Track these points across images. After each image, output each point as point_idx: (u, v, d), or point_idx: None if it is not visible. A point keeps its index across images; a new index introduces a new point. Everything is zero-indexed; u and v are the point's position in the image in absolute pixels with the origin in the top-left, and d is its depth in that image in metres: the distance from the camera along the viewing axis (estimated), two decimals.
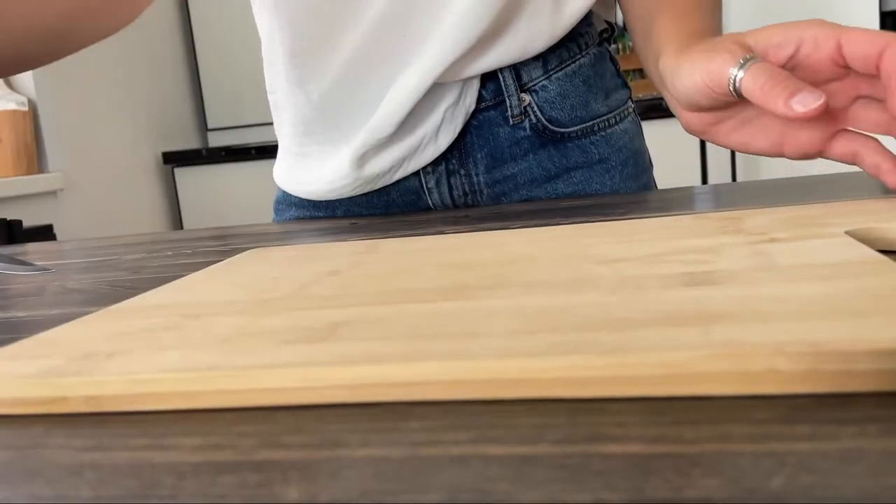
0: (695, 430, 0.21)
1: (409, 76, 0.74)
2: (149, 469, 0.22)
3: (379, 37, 0.73)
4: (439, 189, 0.80)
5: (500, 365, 0.24)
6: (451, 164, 0.79)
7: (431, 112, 0.76)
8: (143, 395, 0.27)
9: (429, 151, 0.77)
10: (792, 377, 0.22)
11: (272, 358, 0.27)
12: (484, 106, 0.77)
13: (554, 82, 0.77)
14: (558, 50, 0.77)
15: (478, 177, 0.79)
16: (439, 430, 0.23)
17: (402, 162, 0.78)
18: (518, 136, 0.78)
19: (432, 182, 0.80)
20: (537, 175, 0.79)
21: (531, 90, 0.77)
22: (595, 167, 0.79)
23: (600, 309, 0.29)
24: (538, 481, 0.19)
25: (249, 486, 0.20)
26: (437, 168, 0.79)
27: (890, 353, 0.22)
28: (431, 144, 0.77)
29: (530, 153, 0.78)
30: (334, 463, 0.21)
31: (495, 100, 0.77)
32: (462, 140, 0.78)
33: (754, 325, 0.25)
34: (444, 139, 0.77)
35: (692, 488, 0.18)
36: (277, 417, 0.25)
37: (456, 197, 0.80)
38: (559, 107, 0.77)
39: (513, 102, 0.76)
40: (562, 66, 0.77)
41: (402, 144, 0.77)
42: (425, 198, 0.81)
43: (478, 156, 0.78)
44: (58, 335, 0.35)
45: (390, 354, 0.26)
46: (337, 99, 0.79)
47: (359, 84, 0.77)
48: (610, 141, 0.80)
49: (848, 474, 0.18)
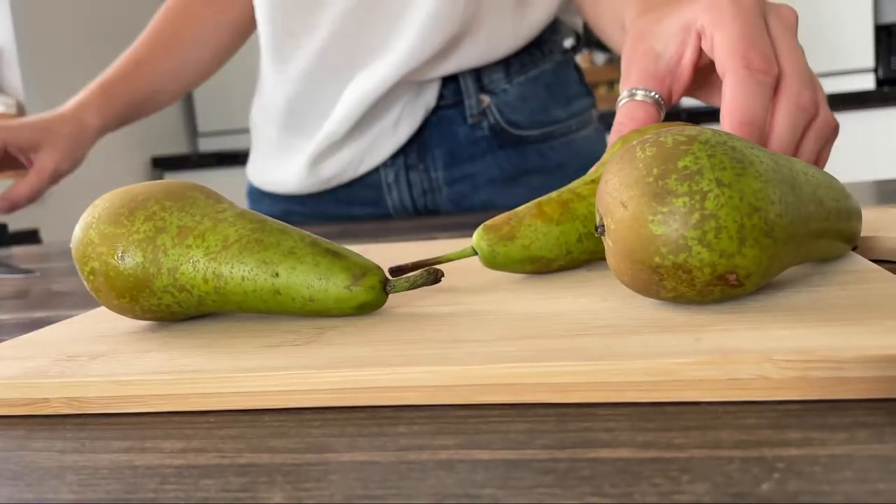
0: (684, 435, 0.21)
1: (364, 80, 0.76)
2: (131, 472, 0.22)
3: (340, 38, 0.75)
4: (398, 186, 0.81)
5: (487, 370, 0.24)
6: (410, 159, 0.81)
7: (388, 110, 0.78)
8: (126, 398, 0.26)
9: (388, 144, 0.79)
10: (781, 384, 0.22)
11: (257, 361, 0.27)
12: (444, 104, 0.79)
13: (515, 86, 0.79)
14: (521, 55, 0.79)
15: (436, 173, 0.81)
16: (426, 435, 0.22)
17: (357, 162, 0.80)
18: (476, 136, 0.80)
19: (391, 177, 0.81)
20: (496, 176, 0.80)
21: (491, 92, 0.79)
22: (554, 172, 0.81)
23: (590, 315, 0.29)
24: (525, 486, 0.19)
25: (233, 490, 0.20)
26: (395, 161, 0.81)
27: (879, 361, 0.22)
28: (390, 137, 0.79)
29: (489, 154, 0.80)
30: (320, 467, 0.21)
31: (454, 99, 0.79)
32: (421, 136, 0.80)
33: (744, 332, 0.25)
34: (404, 132, 0.79)
35: (681, 493, 0.18)
36: (263, 421, 0.25)
37: (415, 196, 0.82)
38: (519, 110, 0.79)
39: (471, 103, 0.78)
40: (523, 70, 0.79)
41: (356, 144, 0.79)
42: (385, 195, 0.82)
43: (436, 152, 0.80)
44: (41, 337, 0.34)
45: (377, 359, 0.26)
46: (298, 103, 0.81)
47: (320, 87, 0.79)
48: (570, 147, 0.82)
49: (836, 480, 0.18)
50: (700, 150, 0.27)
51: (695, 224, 0.27)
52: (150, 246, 0.32)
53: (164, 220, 0.33)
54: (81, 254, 0.33)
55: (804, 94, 0.39)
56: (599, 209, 0.30)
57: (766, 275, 0.28)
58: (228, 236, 0.32)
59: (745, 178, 0.27)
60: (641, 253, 0.28)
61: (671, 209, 0.27)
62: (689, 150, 0.27)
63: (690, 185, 0.27)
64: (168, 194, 0.34)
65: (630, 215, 0.28)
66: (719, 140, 0.28)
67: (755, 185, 0.27)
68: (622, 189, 0.28)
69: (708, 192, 0.27)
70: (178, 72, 0.88)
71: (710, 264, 0.27)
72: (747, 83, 0.38)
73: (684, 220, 0.27)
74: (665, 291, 0.28)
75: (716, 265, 0.27)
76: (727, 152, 0.27)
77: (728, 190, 0.27)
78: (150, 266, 0.32)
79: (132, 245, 0.32)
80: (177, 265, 0.32)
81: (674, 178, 0.27)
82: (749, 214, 0.27)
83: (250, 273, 0.31)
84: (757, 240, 0.27)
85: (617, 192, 0.28)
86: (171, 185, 0.34)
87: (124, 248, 0.32)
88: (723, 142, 0.28)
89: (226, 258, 0.32)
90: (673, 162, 0.27)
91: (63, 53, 2.21)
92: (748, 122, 0.38)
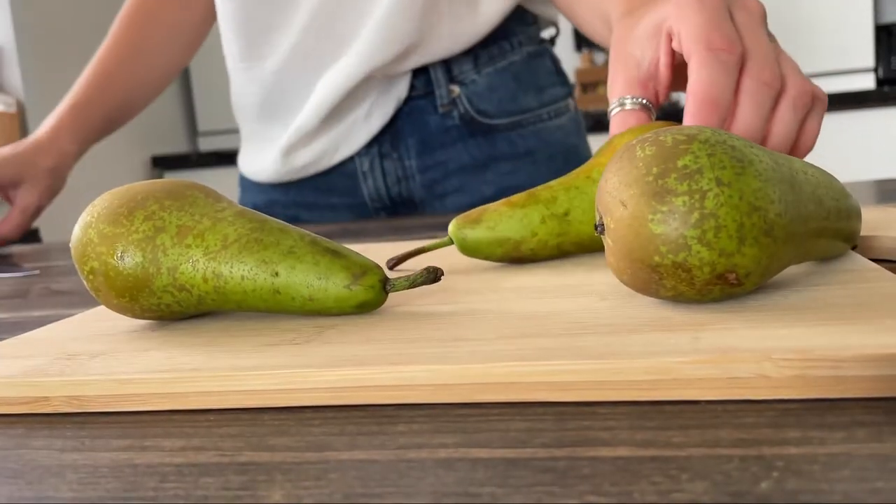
0: (683, 434, 0.21)
1: (334, 73, 0.77)
2: (131, 470, 0.22)
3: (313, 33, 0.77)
4: (373, 174, 0.83)
5: (486, 369, 0.24)
6: (384, 148, 0.82)
7: (359, 103, 0.80)
8: (125, 396, 0.26)
9: (361, 134, 0.81)
10: (780, 383, 0.22)
11: (257, 360, 0.27)
12: (415, 94, 0.81)
13: (483, 76, 0.81)
14: (489, 47, 0.81)
15: (409, 161, 0.82)
16: (426, 434, 0.22)
17: (332, 151, 0.82)
18: (447, 125, 0.81)
19: (366, 165, 0.83)
20: (466, 163, 0.82)
21: (461, 83, 0.80)
22: (523, 159, 0.82)
23: (589, 314, 0.29)
24: (525, 485, 0.19)
25: (233, 488, 0.20)
26: (370, 150, 0.83)
27: (878, 360, 0.22)
28: (363, 127, 0.81)
29: (459, 142, 0.82)
30: (320, 466, 0.21)
31: (425, 90, 0.81)
32: (394, 126, 0.82)
33: (743, 331, 0.25)
34: (377, 122, 0.81)
35: (680, 492, 0.18)
36: (262, 420, 0.25)
37: (390, 184, 0.84)
38: (487, 99, 0.81)
39: (442, 93, 0.80)
40: (492, 61, 0.81)
41: (329, 135, 0.81)
42: (360, 184, 0.84)
43: (409, 141, 0.82)
44: (41, 336, 0.34)
45: (377, 358, 0.26)
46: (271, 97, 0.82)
47: (292, 82, 0.80)
48: (540, 135, 0.83)
49: (835, 479, 0.18)
50: (700, 150, 0.27)
51: (694, 223, 0.27)
52: (150, 245, 0.32)
53: (163, 220, 0.33)
54: (81, 253, 0.33)
55: (766, 71, 0.39)
56: (599, 208, 0.30)
57: (766, 274, 0.28)
58: (228, 235, 0.32)
59: (744, 178, 0.27)
60: (641, 252, 0.28)
61: (671, 208, 0.27)
62: (688, 149, 0.27)
63: (690, 184, 0.27)
64: (167, 193, 0.34)
65: (630, 214, 0.28)
66: (719, 139, 0.28)
67: (755, 184, 0.27)
68: (622, 188, 0.28)
69: (707, 191, 0.27)
70: (149, 77, 0.89)
71: (710, 263, 0.27)
72: (709, 62, 0.38)
73: (684, 219, 0.27)
74: (664, 290, 0.28)
75: (715, 264, 0.27)
76: (727, 151, 0.27)
77: (728, 189, 0.27)
78: (150, 265, 0.32)
79: (131, 245, 0.32)
80: (176, 264, 0.32)
81: (673, 177, 0.27)
82: (748, 213, 0.27)
83: (250, 272, 0.31)
84: (756, 239, 0.27)
85: (616, 191, 0.28)
86: (170, 184, 0.34)
87: (124, 247, 0.32)
88: (722, 141, 0.28)
89: (225, 257, 0.32)
90: (672, 161, 0.27)
91: (63, 53, 2.21)
92: (710, 101, 0.38)
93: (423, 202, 0.84)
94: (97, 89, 0.85)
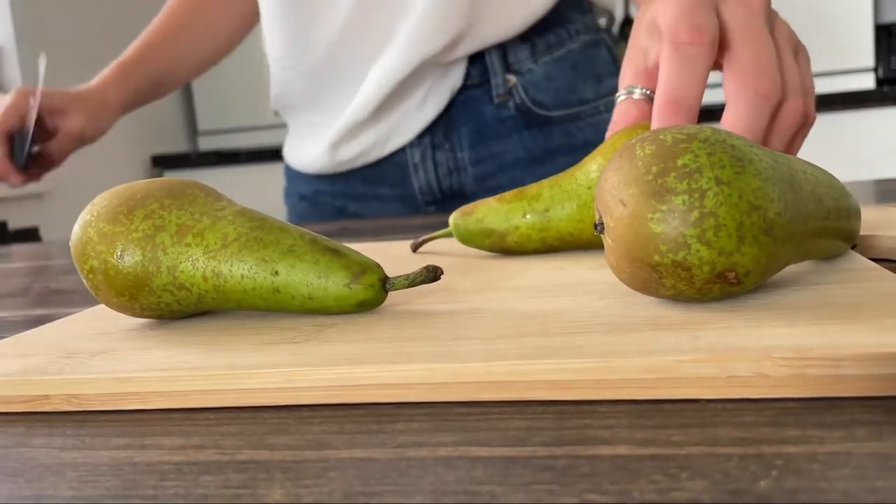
0: (682, 433, 0.21)
1: (382, 64, 0.76)
2: (130, 469, 0.22)
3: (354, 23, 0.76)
4: (424, 165, 0.81)
5: (486, 368, 0.24)
6: (437, 138, 0.81)
7: (413, 92, 0.78)
8: (125, 395, 0.27)
9: (414, 123, 0.79)
10: (780, 382, 0.22)
11: (256, 358, 0.27)
12: (470, 84, 0.79)
13: (540, 66, 0.79)
14: (546, 34, 0.79)
15: (462, 152, 0.81)
16: (425, 432, 0.22)
17: (383, 142, 0.81)
18: (503, 116, 0.79)
19: (417, 156, 0.81)
20: (521, 156, 0.80)
21: (517, 72, 0.78)
22: (580, 151, 0.80)
23: (589, 313, 0.29)
24: (524, 483, 0.19)
25: (232, 487, 0.20)
26: (421, 141, 0.81)
27: (877, 359, 0.22)
28: (416, 116, 0.79)
29: (515, 133, 0.80)
30: (319, 464, 0.21)
31: (481, 79, 0.79)
32: (447, 115, 0.80)
33: (743, 330, 0.25)
34: (430, 111, 0.79)
35: (679, 490, 0.18)
36: (262, 418, 0.25)
37: (441, 176, 0.81)
38: (544, 89, 0.79)
39: (498, 82, 0.78)
40: (549, 50, 0.79)
41: (379, 126, 0.80)
42: (410, 176, 0.82)
43: (462, 131, 0.80)
44: (41, 335, 0.34)
45: (376, 356, 0.26)
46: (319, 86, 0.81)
47: (337, 71, 0.79)
48: (598, 127, 0.81)
49: (834, 477, 0.18)
50: (699, 149, 0.27)
51: (694, 222, 0.27)
52: (150, 244, 0.32)
53: (163, 219, 0.33)
54: (80, 252, 0.33)
55: (763, 79, 0.36)
56: (599, 207, 0.30)
57: (765, 273, 0.28)
58: (228, 234, 0.32)
59: (744, 177, 0.27)
60: (640, 251, 0.28)
61: (670, 207, 0.27)
62: (688, 148, 0.27)
63: (689, 183, 0.27)
64: (167, 192, 0.34)
65: (629, 213, 0.28)
66: (718, 138, 0.28)
67: (754, 183, 0.27)
68: (621, 187, 0.28)
69: (707, 190, 0.27)
70: (189, 58, 0.93)
71: (710, 262, 0.27)
72: (672, 58, 0.37)
73: (683, 218, 0.27)
74: (664, 289, 0.28)
75: (715, 263, 0.27)
76: (726, 150, 0.27)
77: (727, 188, 0.27)
78: (150, 264, 0.32)
79: (131, 243, 0.32)
80: (176, 263, 0.32)
81: (673, 177, 0.27)
82: (748, 212, 0.27)
83: (249, 271, 0.31)
84: (756, 238, 0.27)
85: (616, 190, 0.28)
86: (170, 183, 0.34)
87: (123, 246, 0.32)
88: (722, 140, 0.28)
89: (225, 256, 0.32)
90: (672, 160, 0.27)
91: (63, 53, 2.21)
92: (672, 101, 0.36)
93: (474, 195, 0.82)
94: (140, 57, 0.90)
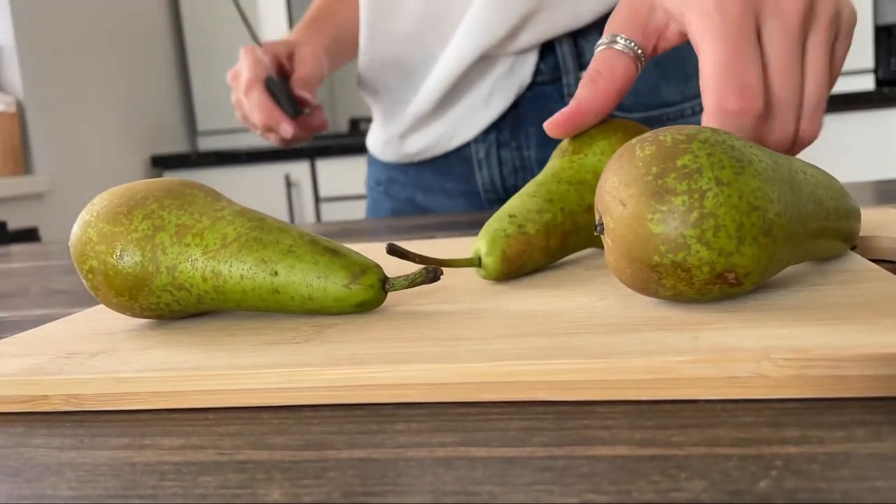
0: (682, 433, 0.21)
1: (446, 55, 0.73)
2: (129, 469, 0.22)
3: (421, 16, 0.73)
4: (489, 162, 0.79)
5: (486, 368, 0.24)
6: (503, 136, 0.77)
7: (477, 85, 0.75)
8: (124, 395, 0.26)
9: (479, 119, 0.76)
10: (779, 382, 0.22)
11: (256, 359, 0.27)
12: (541, 80, 0.75)
13: None
14: None
15: (529, 151, 0.77)
16: (425, 433, 0.22)
17: (446, 138, 0.78)
18: None
19: (482, 153, 0.79)
20: None
21: None
22: None
23: (589, 314, 0.29)
24: (523, 483, 0.19)
25: (231, 487, 0.20)
26: (487, 137, 0.78)
27: (877, 359, 0.22)
28: (482, 112, 0.76)
29: None
30: (319, 464, 0.21)
31: (552, 76, 0.75)
32: (515, 112, 0.76)
33: (742, 330, 0.25)
34: (497, 107, 0.75)
35: (679, 491, 0.18)
36: (261, 418, 0.25)
37: (506, 174, 0.79)
38: None
39: (570, 80, 0.74)
40: None
41: (443, 120, 0.77)
42: (475, 172, 0.80)
43: (530, 129, 0.76)
44: (40, 335, 0.34)
45: (376, 356, 0.26)
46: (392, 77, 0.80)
47: (407, 63, 0.77)
48: None
49: (834, 478, 0.18)
50: (699, 149, 0.27)
51: (694, 222, 0.27)
52: (149, 244, 0.32)
53: (162, 219, 0.33)
54: (80, 252, 0.33)
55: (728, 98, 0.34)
56: (598, 208, 0.30)
57: (765, 273, 0.28)
58: (227, 235, 0.32)
59: (743, 177, 0.27)
60: (640, 251, 0.28)
61: (670, 208, 0.27)
62: (688, 148, 0.27)
63: (689, 183, 0.27)
64: (167, 192, 0.34)
65: (629, 214, 0.28)
66: (718, 139, 0.28)
67: (754, 183, 0.27)
68: (621, 187, 0.28)
69: (707, 190, 0.27)
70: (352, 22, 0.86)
71: (709, 263, 0.27)
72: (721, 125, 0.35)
73: (683, 219, 0.27)
74: (664, 290, 0.28)
75: (714, 264, 0.27)
76: (726, 151, 0.27)
77: (727, 189, 0.27)
78: (149, 264, 0.32)
79: (131, 243, 0.32)
80: (175, 263, 0.32)
81: (673, 177, 0.27)
82: (748, 213, 0.27)
83: (249, 271, 0.31)
84: (756, 238, 0.27)
85: (616, 191, 0.28)
86: (169, 183, 0.34)
87: (123, 246, 0.32)
88: (722, 140, 0.28)
89: (224, 256, 0.32)
90: (672, 160, 0.27)
91: (63, 53, 2.21)
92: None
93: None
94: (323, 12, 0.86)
